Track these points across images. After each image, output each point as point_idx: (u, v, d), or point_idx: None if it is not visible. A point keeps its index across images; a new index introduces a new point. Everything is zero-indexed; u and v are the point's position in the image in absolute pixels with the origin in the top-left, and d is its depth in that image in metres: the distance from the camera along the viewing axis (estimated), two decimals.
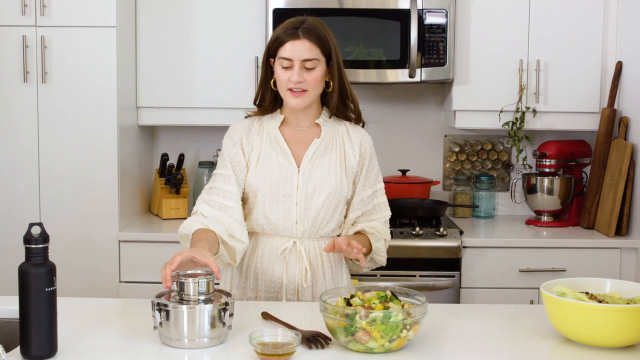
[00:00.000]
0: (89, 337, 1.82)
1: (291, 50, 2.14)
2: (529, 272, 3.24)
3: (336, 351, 1.73)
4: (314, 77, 2.15)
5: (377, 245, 2.24)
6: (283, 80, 2.16)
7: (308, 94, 2.17)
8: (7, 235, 3.22)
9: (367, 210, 2.26)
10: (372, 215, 2.27)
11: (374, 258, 2.27)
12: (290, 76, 2.14)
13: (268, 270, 2.21)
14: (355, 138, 2.26)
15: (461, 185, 3.80)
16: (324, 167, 2.20)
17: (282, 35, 2.16)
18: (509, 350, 1.81)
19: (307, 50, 2.14)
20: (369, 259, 2.26)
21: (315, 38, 2.15)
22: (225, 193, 2.17)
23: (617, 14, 3.44)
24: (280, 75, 2.16)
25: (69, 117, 3.22)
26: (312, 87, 2.16)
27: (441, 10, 3.35)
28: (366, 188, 2.25)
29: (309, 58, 2.14)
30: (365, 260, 2.17)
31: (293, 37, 2.14)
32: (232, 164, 2.20)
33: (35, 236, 1.64)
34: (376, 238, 2.24)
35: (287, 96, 2.17)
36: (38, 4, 3.16)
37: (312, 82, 2.16)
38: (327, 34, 2.18)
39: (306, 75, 2.14)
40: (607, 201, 3.35)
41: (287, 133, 2.25)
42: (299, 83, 2.14)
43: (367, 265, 2.27)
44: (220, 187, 2.18)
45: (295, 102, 2.17)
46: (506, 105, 3.46)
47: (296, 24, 2.17)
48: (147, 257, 3.25)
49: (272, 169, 2.19)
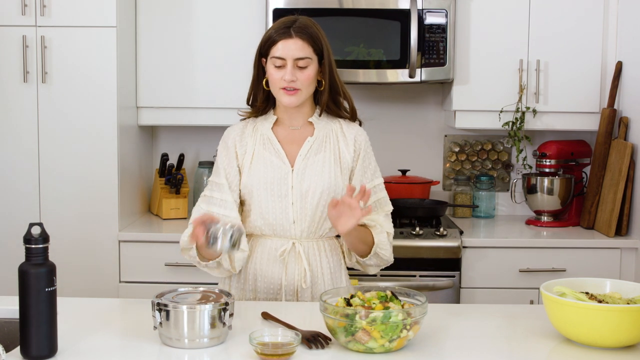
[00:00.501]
0: (89, 337, 1.82)
1: (284, 49, 2.14)
2: (529, 272, 3.24)
3: (336, 351, 1.73)
4: (306, 76, 2.16)
5: (380, 238, 2.20)
6: (276, 80, 2.16)
7: (301, 92, 2.17)
8: (7, 235, 3.22)
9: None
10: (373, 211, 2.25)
11: (379, 253, 2.21)
12: (283, 75, 2.14)
13: (267, 272, 2.21)
14: (349, 134, 2.25)
15: (461, 185, 3.80)
16: (318, 165, 2.20)
17: (274, 34, 2.16)
18: (509, 350, 1.81)
19: (300, 49, 2.15)
20: (373, 254, 2.20)
21: (308, 37, 2.16)
22: (222, 202, 2.20)
23: (617, 14, 3.44)
24: (273, 75, 2.17)
25: (69, 117, 3.22)
26: (305, 85, 2.17)
27: (441, 10, 3.35)
28: (364, 183, 2.23)
29: (301, 57, 2.15)
30: (366, 211, 2.03)
31: (285, 36, 2.15)
32: (225, 172, 2.22)
33: (35, 236, 1.64)
34: (378, 231, 2.21)
35: (280, 95, 2.18)
36: (38, 4, 3.16)
37: (305, 80, 2.16)
38: (318, 32, 2.19)
39: (299, 74, 2.15)
40: (607, 201, 3.35)
41: (281, 133, 2.25)
42: (292, 82, 2.14)
43: (373, 263, 2.23)
44: (217, 197, 2.21)
45: (289, 101, 2.17)
46: (506, 105, 3.46)
47: (288, 23, 2.17)
48: (147, 257, 3.25)
49: (265, 170, 2.19)
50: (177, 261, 3.23)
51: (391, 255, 2.26)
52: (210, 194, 2.23)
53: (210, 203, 2.21)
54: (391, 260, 2.26)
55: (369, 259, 2.21)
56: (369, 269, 2.28)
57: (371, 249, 2.19)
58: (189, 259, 2.21)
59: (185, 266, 3.22)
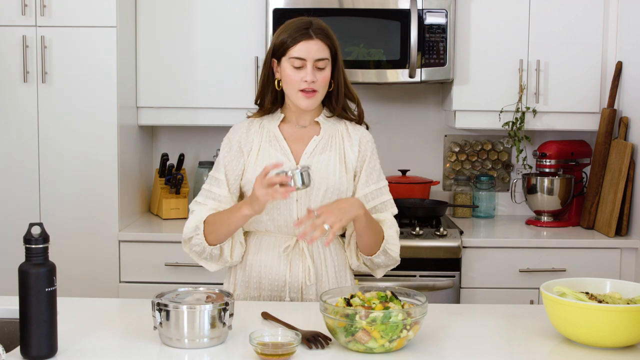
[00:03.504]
0: (89, 337, 1.82)
1: (305, 50, 2.14)
2: (529, 272, 3.24)
3: (336, 351, 1.74)
4: (324, 77, 2.18)
5: (389, 233, 2.19)
6: (295, 81, 2.16)
7: (318, 94, 2.18)
8: (7, 235, 3.22)
9: (374, 207, 2.24)
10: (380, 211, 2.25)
11: (387, 249, 2.18)
12: (303, 76, 2.14)
13: (272, 269, 2.21)
14: (354, 135, 2.26)
15: (461, 186, 3.80)
16: (323, 163, 2.20)
17: (293, 35, 2.16)
18: (509, 350, 1.81)
19: (320, 50, 2.16)
20: (382, 250, 2.18)
21: (326, 38, 2.18)
22: (220, 197, 2.21)
23: (617, 14, 3.44)
24: (291, 76, 2.16)
25: (69, 117, 3.22)
26: (322, 87, 2.18)
27: (441, 10, 3.35)
28: (369, 184, 2.24)
29: (322, 58, 2.16)
30: (332, 237, 2.04)
31: (306, 38, 2.15)
32: (225, 168, 2.24)
33: (35, 236, 1.64)
34: (388, 225, 2.21)
35: (299, 97, 2.17)
36: (38, 4, 3.16)
37: (323, 81, 2.17)
38: (333, 34, 2.21)
39: (318, 75, 2.16)
40: (607, 201, 3.35)
41: (287, 131, 2.26)
42: (312, 83, 2.14)
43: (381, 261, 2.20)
44: (216, 192, 2.22)
45: (307, 104, 2.18)
46: (506, 105, 3.46)
47: (306, 24, 2.18)
48: (147, 257, 3.25)
49: None
50: (177, 261, 3.23)
51: (398, 255, 2.24)
52: (209, 188, 2.24)
53: (208, 197, 2.23)
54: (398, 259, 2.25)
55: (377, 256, 2.19)
56: (377, 271, 2.26)
57: (380, 245, 2.18)
58: (187, 251, 2.22)
59: (185, 266, 3.22)
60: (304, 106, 2.18)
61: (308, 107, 2.19)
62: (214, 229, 2.15)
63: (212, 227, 2.15)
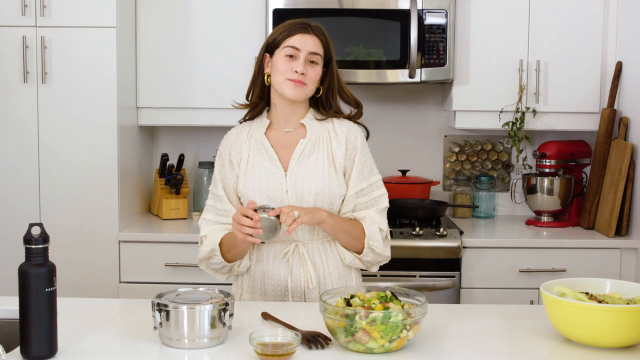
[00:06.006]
0: (89, 337, 1.82)
1: (301, 42, 2.16)
2: (529, 272, 3.24)
3: (336, 351, 1.73)
4: (315, 73, 2.18)
5: (371, 230, 2.18)
6: (284, 70, 2.16)
7: (306, 88, 2.19)
8: (7, 235, 3.22)
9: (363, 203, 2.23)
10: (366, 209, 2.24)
11: (371, 246, 2.19)
12: (294, 66, 2.15)
13: (274, 274, 2.22)
14: (341, 132, 2.24)
15: (461, 186, 3.80)
16: (311, 167, 2.20)
17: (291, 26, 2.18)
18: (509, 350, 1.81)
19: (316, 45, 2.18)
20: (368, 248, 2.20)
21: (323, 39, 2.21)
22: (226, 212, 2.25)
23: (617, 14, 3.44)
24: (281, 64, 2.17)
25: (69, 118, 3.22)
26: (312, 82, 2.19)
27: (441, 11, 3.35)
28: (361, 181, 2.23)
29: (316, 52, 2.17)
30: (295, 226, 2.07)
31: (304, 31, 2.18)
32: (222, 183, 2.27)
33: (35, 236, 1.64)
34: (368, 223, 2.20)
35: (286, 86, 2.17)
36: (38, 4, 3.16)
37: (313, 77, 2.18)
38: (330, 39, 2.24)
39: (309, 69, 2.17)
40: (607, 201, 3.35)
41: (274, 137, 2.26)
42: (302, 75, 2.15)
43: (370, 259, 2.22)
44: (220, 208, 2.26)
45: (294, 93, 2.17)
46: (506, 105, 3.46)
47: (305, 21, 2.21)
48: (147, 257, 3.25)
49: (260, 176, 2.20)
50: (177, 261, 3.24)
51: (385, 250, 2.23)
52: (213, 204, 2.28)
53: (216, 213, 2.26)
54: (387, 254, 2.24)
55: (365, 254, 2.21)
56: (370, 267, 2.28)
57: (363, 242, 2.19)
58: (204, 268, 2.27)
59: (185, 266, 3.22)
60: (290, 95, 2.17)
61: (294, 96, 2.17)
62: (228, 249, 2.20)
63: (226, 248, 2.20)
